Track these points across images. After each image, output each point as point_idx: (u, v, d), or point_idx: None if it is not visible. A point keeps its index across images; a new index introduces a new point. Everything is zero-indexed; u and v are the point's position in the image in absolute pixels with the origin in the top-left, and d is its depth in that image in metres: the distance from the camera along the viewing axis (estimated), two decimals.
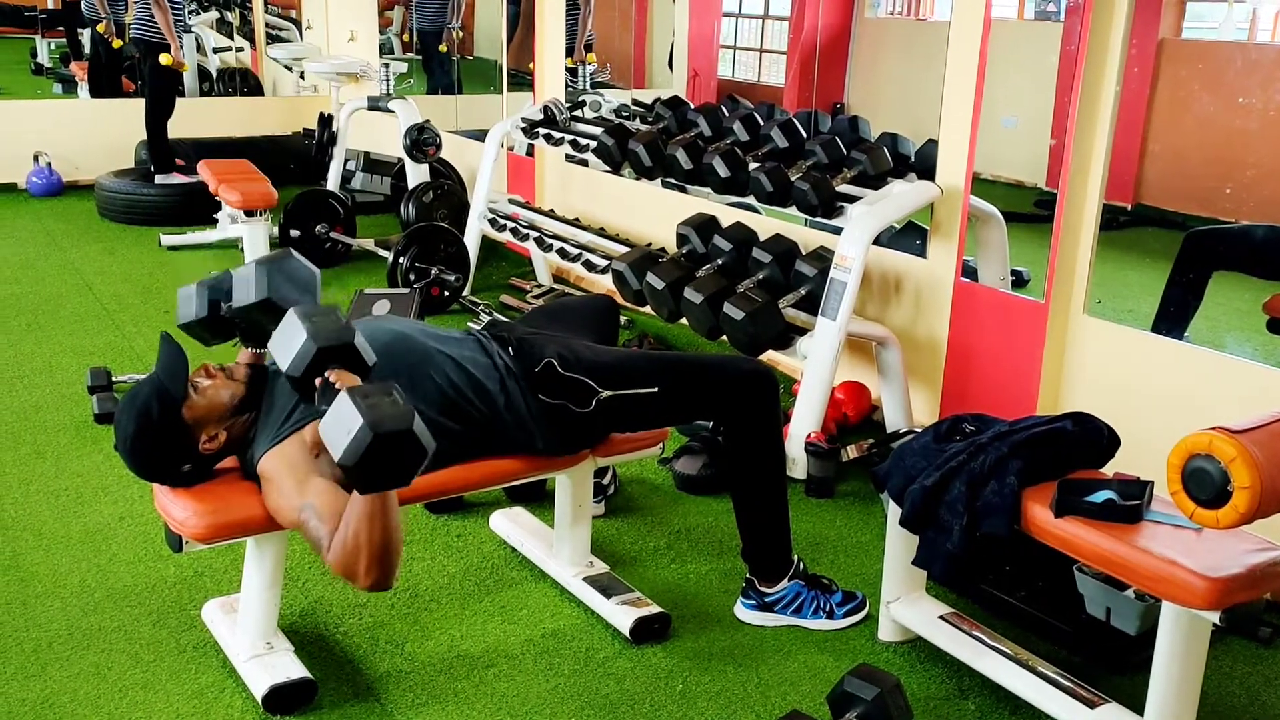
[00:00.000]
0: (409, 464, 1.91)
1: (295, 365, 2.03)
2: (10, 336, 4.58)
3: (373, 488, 1.94)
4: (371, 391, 1.91)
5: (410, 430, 1.87)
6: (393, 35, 8.44)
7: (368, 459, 1.85)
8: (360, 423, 1.83)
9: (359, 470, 1.87)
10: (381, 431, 1.84)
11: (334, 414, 1.89)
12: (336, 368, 2.05)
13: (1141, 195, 3.77)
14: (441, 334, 2.47)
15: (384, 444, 1.84)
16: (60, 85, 9.20)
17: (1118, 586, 2.44)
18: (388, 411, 1.86)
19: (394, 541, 2.00)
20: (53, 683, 2.37)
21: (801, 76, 5.27)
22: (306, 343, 2.02)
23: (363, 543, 1.98)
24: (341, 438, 1.85)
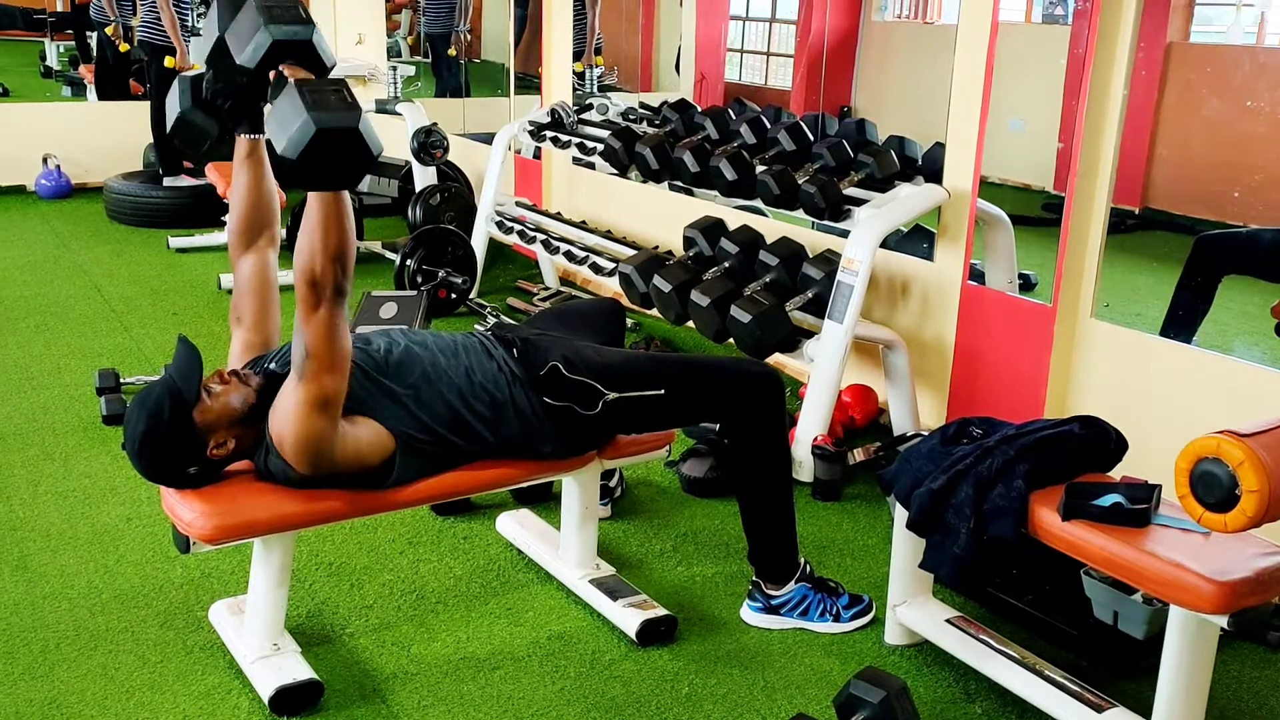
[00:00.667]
0: (354, 164, 1.87)
1: (249, 56, 1.97)
2: (19, 338, 4.60)
3: (312, 184, 1.92)
4: (321, 86, 1.85)
5: (355, 129, 1.82)
6: (400, 38, 8.46)
7: (309, 154, 1.80)
8: (304, 117, 1.78)
9: (300, 165, 1.82)
10: (324, 126, 1.78)
11: (279, 105, 1.83)
12: (292, 63, 2.00)
13: (1149, 199, 3.77)
14: (447, 343, 2.46)
15: (326, 139, 1.79)
16: (69, 88, 9.21)
17: (1125, 590, 2.44)
18: (334, 107, 1.80)
19: (347, 245, 2.04)
20: (60, 683, 2.38)
21: (809, 80, 5.27)
22: (262, 33, 1.96)
23: (317, 245, 2.01)
24: (285, 129, 1.80)
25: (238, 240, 2.48)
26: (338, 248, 2.03)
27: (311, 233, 2.03)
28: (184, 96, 2.40)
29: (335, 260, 2.04)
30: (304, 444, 2.16)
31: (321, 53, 2.02)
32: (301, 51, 2.00)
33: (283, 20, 1.98)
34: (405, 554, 2.95)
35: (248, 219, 2.47)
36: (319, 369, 2.09)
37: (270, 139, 1.87)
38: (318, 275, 2.04)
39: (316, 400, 2.11)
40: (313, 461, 2.19)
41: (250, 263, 2.47)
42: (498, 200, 5.29)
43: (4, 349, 4.46)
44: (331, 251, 2.03)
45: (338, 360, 2.11)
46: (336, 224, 2.02)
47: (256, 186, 2.46)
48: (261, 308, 2.46)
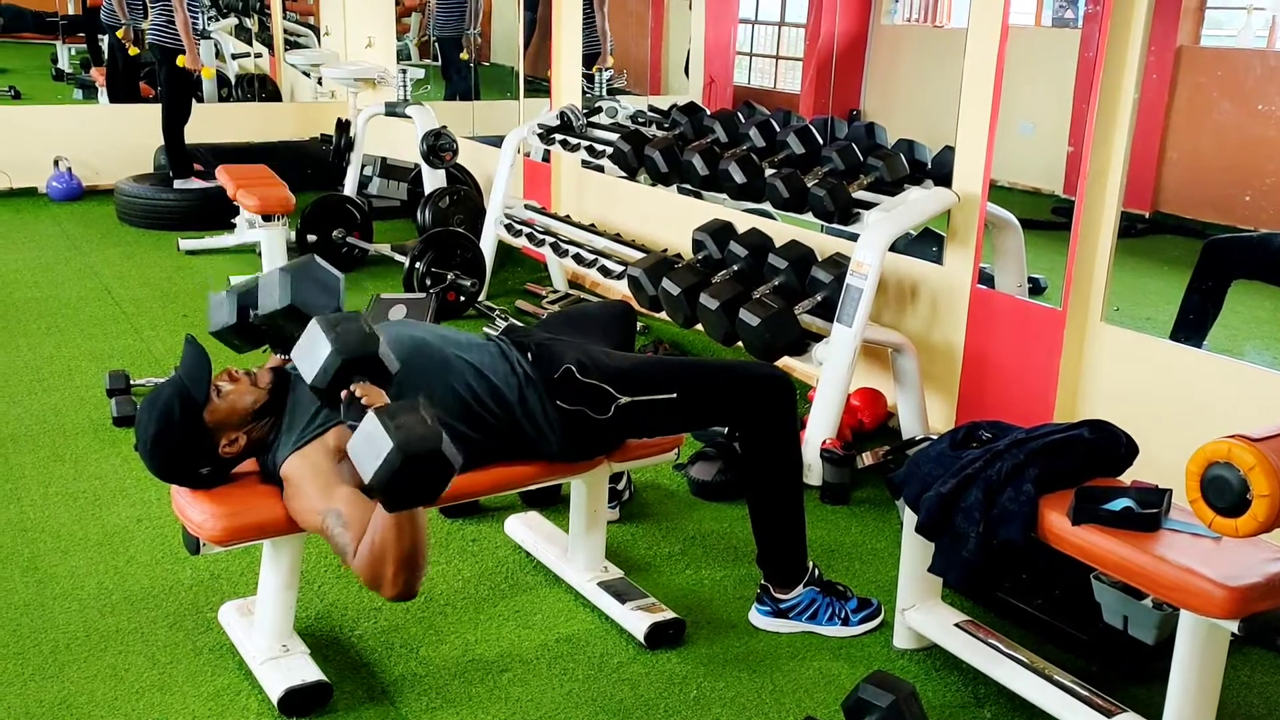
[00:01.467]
0: (437, 482, 1.91)
1: (320, 378, 2.03)
2: (30, 339, 4.61)
3: (401, 506, 1.95)
4: (399, 410, 1.90)
5: (439, 451, 1.87)
6: (410, 42, 8.48)
7: (397, 481, 1.85)
8: (390, 445, 1.83)
9: (389, 492, 1.88)
10: (411, 453, 1.83)
11: (363, 435, 1.89)
12: (360, 379, 2.05)
13: (1159, 203, 3.75)
14: (461, 340, 2.47)
15: (414, 465, 1.84)
16: (80, 91, 9.25)
17: (1135, 595, 2.43)
18: (417, 432, 1.86)
19: (420, 551, 2.02)
20: (70, 684, 2.38)
21: (818, 83, 5.27)
22: (331, 355, 2.02)
23: (390, 553, 1.99)
24: (371, 461, 1.85)
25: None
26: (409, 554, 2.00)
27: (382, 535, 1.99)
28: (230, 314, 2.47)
29: (405, 569, 2.01)
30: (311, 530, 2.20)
31: (388, 364, 2.08)
32: (369, 366, 2.06)
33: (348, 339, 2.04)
34: None
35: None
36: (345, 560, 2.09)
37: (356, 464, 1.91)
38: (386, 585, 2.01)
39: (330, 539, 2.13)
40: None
41: None
42: (507, 203, 5.29)
43: (15, 350, 4.47)
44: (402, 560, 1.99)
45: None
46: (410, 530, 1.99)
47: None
48: None
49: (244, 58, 9.64)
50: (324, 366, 2.03)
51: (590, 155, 4.85)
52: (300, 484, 2.17)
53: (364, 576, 2.04)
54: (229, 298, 2.46)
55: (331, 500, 2.11)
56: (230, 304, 2.45)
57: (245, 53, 9.78)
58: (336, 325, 2.06)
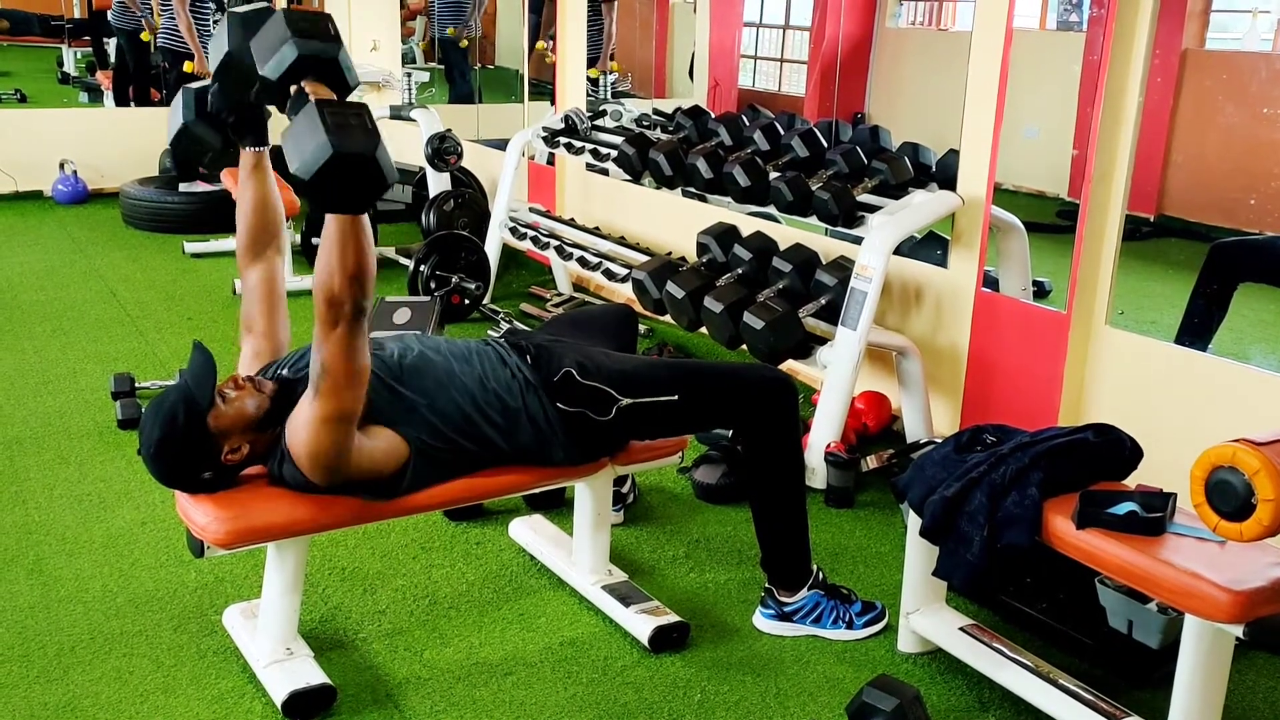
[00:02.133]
0: (368, 190, 1.86)
1: (273, 68, 1.96)
2: (35, 342, 4.62)
3: (324, 206, 1.92)
4: (342, 109, 1.84)
5: (373, 157, 1.81)
6: (414, 45, 8.49)
7: (324, 176, 1.79)
8: (323, 138, 1.77)
9: (314, 186, 1.82)
10: (342, 151, 1.78)
11: (300, 124, 1.82)
12: (314, 80, 2.00)
13: (1164, 206, 3.75)
14: (461, 349, 2.47)
15: (343, 164, 1.78)
16: (86, 94, 9.27)
17: (1140, 599, 2.43)
18: (353, 132, 1.80)
19: (365, 263, 2.02)
20: (75, 686, 2.39)
21: (822, 86, 5.27)
22: (289, 46, 1.95)
23: (335, 265, 2.00)
24: (302, 150, 1.79)
25: (245, 251, 2.50)
26: (356, 266, 2.02)
27: (329, 252, 2.02)
28: (188, 109, 2.39)
29: (354, 279, 2.03)
30: (319, 457, 2.17)
31: (346, 71, 2.01)
32: (326, 69, 1.99)
33: (310, 35, 1.97)
34: (418, 559, 2.96)
35: (254, 231, 2.49)
36: (335, 385, 2.09)
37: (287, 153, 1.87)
38: (336, 294, 2.03)
39: (332, 416, 2.12)
40: (327, 473, 2.20)
41: (258, 272, 2.49)
42: (511, 206, 5.30)
43: (20, 353, 4.48)
44: (350, 270, 2.02)
45: (355, 377, 2.11)
46: (354, 243, 2.01)
47: (262, 199, 2.48)
48: (271, 315, 2.48)
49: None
50: (279, 58, 1.95)
51: (595, 158, 4.86)
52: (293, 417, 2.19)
53: (319, 294, 2.04)
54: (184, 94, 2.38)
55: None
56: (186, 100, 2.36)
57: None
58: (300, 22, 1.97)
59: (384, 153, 1.85)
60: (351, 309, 2.04)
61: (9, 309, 5.07)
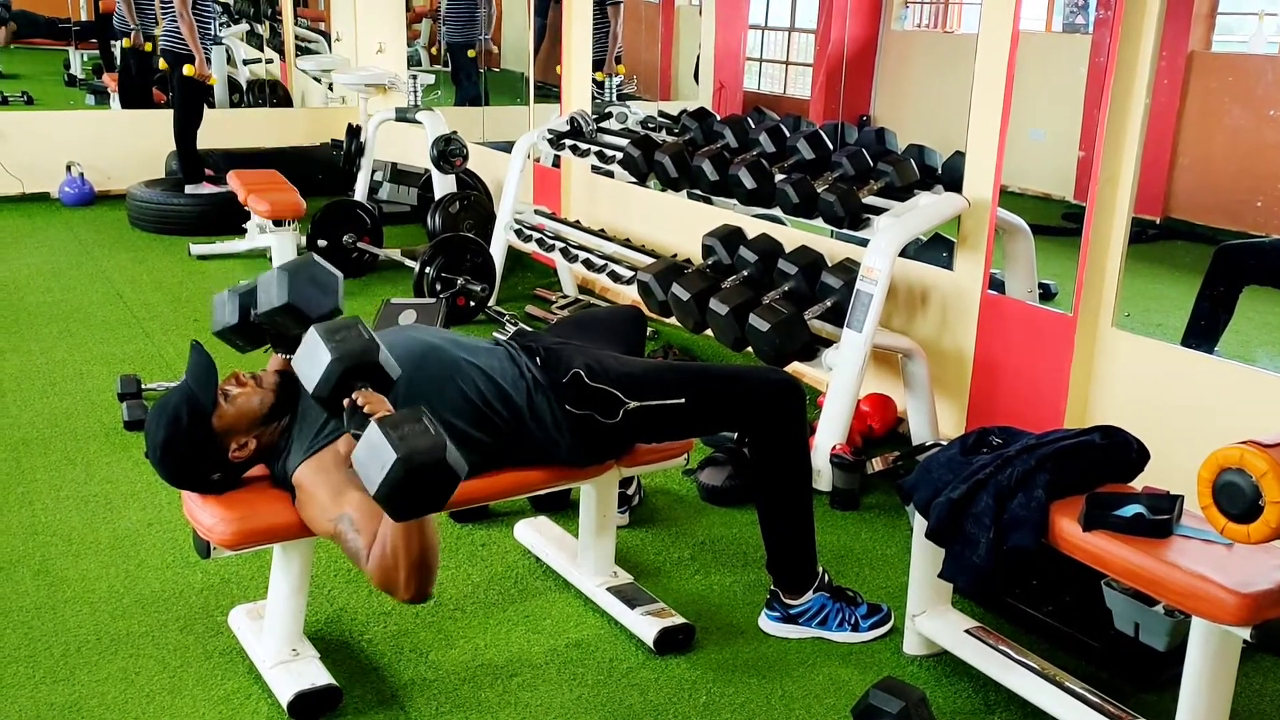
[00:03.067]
0: (442, 492, 1.91)
1: (321, 387, 2.04)
2: (42, 344, 4.63)
3: (407, 516, 1.95)
4: (402, 420, 1.90)
5: (444, 460, 1.87)
6: (420, 47, 8.50)
7: (402, 491, 1.85)
8: (393, 457, 1.83)
9: (393, 503, 1.88)
10: (415, 464, 1.84)
11: (366, 446, 1.89)
12: (362, 386, 2.06)
13: (1171, 208, 3.74)
14: (470, 344, 2.48)
15: (418, 476, 1.84)
16: (93, 96, 9.29)
17: (1147, 602, 2.42)
18: (420, 443, 1.86)
19: (431, 554, 2.03)
20: (81, 687, 2.39)
21: (828, 88, 5.27)
22: (331, 364, 2.02)
23: (400, 557, 2.00)
24: (375, 471, 1.85)
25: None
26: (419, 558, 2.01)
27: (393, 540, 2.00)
28: (232, 312, 2.46)
29: (417, 572, 2.02)
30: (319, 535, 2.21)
31: (389, 369, 2.09)
32: (370, 373, 2.06)
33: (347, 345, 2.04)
34: None
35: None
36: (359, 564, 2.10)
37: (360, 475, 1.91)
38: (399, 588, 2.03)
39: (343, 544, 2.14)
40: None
41: None
42: (517, 208, 5.30)
43: (27, 354, 4.49)
44: (414, 564, 2.01)
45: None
46: (419, 535, 2.01)
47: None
48: None
49: (255, 63, 9.68)
50: (325, 375, 2.03)
51: (600, 160, 4.86)
52: (312, 490, 2.18)
53: (377, 581, 2.05)
54: (230, 297, 2.46)
55: (343, 505, 2.11)
56: (232, 304, 2.45)
57: (257, 58, 9.82)
58: (335, 333, 2.06)
59: (453, 452, 1.90)
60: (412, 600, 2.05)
61: (16, 310, 5.08)
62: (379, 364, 2.07)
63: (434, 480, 1.88)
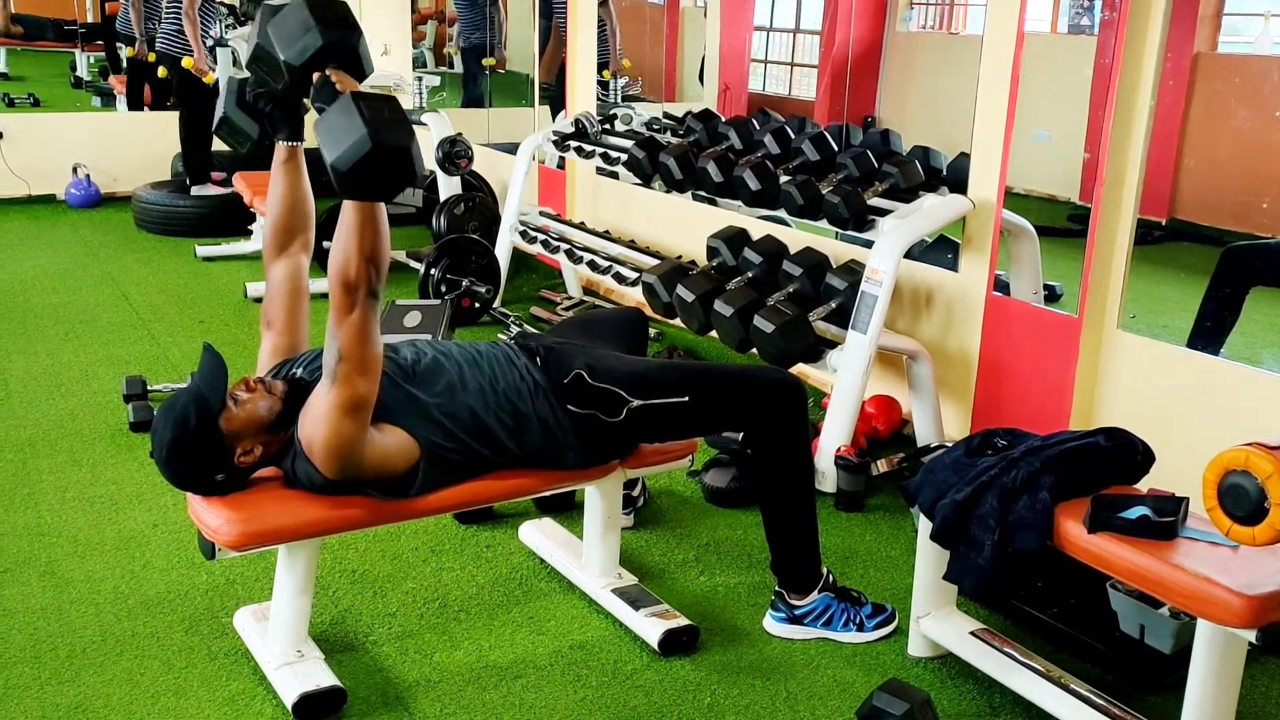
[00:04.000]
0: (399, 180, 1.90)
1: (296, 54, 1.99)
2: (48, 345, 4.64)
3: (357, 195, 1.96)
4: (375, 100, 1.87)
5: (409, 149, 1.84)
6: (425, 49, 8.50)
7: (361, 167, 1.82)
8: (362, 131, 1.80)
9: (349, 176, 1.85)
10: (381, 143, 1.81)
11: (335, 115, 1.85)
12: (336, 67, 2.02)
13: (1176, 210, 3.74)
14: (470, 353, 2.47)
15: (381, 155, 1.81)
16: (99, 99, 9.30)
17: (1152, 604, 2.42)
18: (390, 124, 1.83)
19: (382, 247, 2.07)
20: (86, 688, 2.39)
21: (833, 90, 5.27)
22: (311, 34, 1.98)
23: (353, 249, 2.04)
24: (339, 141, 1.82)
25: (272, 245, 2.51)
26: (372, 249, 2.06)
27: (346, 236, 2.06)
28: (229, 97, 2.44)
29: (369, 261, 2.07)
30: (334, 448, 2.18)
31: (365, 60, 2.05)
32: (347, 56, 2.02)
33: (332, 23, 2.01)
34: (428, 562, 2.96)
35: (283, 224, 2.50)
36: (351, 372, 2.11)
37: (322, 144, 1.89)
38: (352, 277, 2.07)
39: (348, 403, 2.13)
40: (341, 466, 2.20)
41: (283, 267, 2.50)
42: (522, 210, 5.30)
43: (33, 356, 4.50)
44: (366, 253, 2.06)
45: (369, 363, 2.13)
46: (371, 227, 2.05)
47: (293, 192, 2.49)
48: (292, 312, 2.49)
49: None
50: (303, 44, 1.98)
51: (605, 162, 4.86)
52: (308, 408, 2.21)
53: (334, 279, 2.08)
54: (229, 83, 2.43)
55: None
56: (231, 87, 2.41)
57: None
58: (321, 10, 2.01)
59: (417, 145, 1.90)
60: (366, 291, 2.08)
61: (22, 312, 5.09)
62: (358, 50, 2.02)
63: (394, 164, 1.86)
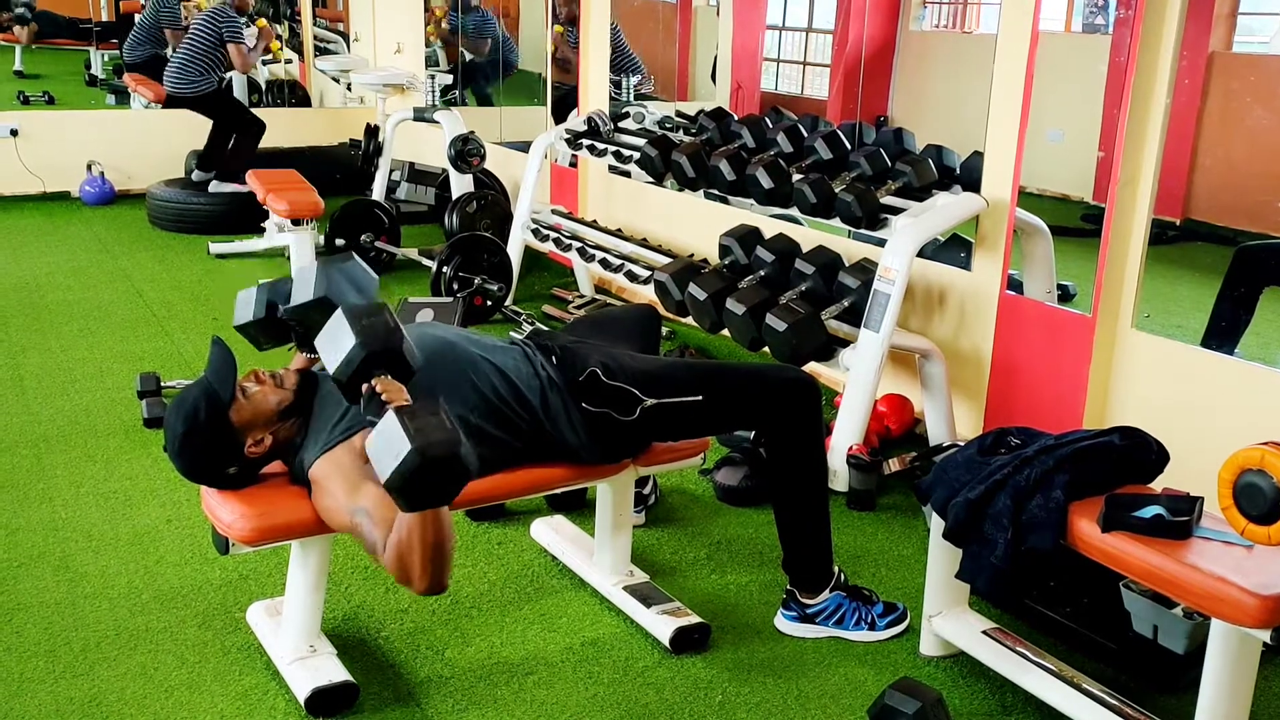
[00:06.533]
0: (454, 485, 1.91)
1: (342, 370, 2.04)
2: (62, 341, 4.66)
3: (417, 507, 1.96)
4: (419, 411, 1.90)
5: (457, 455, 1.87)
6: (438, 48, 8.51)
7: (413, 482, 1.85)
8: (408, 447, 1.83)
9: (405, 492, 1.88)
10: (429, 456, 1.83)
11: (381, 434, 1.89)
12: (382, 373, 2.06)
13: (1191, 209, 3.72)
14: (486, 342, 2.49)
15: (431, 468, 1.84)
16: (113, 96, 9.34)
17: (1166, 604, 2.41)
18: (435, 435, 1.85)
19: (446, 544, 2.03)
20: (101, 682, 2.41)
21: (845, 89, 5.26)
22: (354, 348, 2.02)
23: (415, 547, 2.00)
24: (388, 460, 1.85)
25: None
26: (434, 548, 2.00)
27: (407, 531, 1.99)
28: (259, 308, 2.46)
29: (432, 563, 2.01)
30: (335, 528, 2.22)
31: (410, 359, 2.09)
32: (392, 360, 2.06)
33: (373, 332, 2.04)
34: None
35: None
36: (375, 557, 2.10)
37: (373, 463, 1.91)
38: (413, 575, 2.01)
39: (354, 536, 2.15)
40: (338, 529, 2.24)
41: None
42: (534, 208, 5.31)
43: (48, 352, 4.52)
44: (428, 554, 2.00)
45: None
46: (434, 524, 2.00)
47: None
48: None
49: (274, 64, 9.72)
50: (347, 358, 2.03)
51: (617, 160, 4.86)
52: (328, 484, 2.18)
53: (393, 572, 2.05)
54: (258, 292, 2.47)
55: (358, 499, 2.12)
56: (259, 300, 2.46)
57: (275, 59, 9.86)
58: (362, 317, 2.05)
59: (466, 447, 1.90)
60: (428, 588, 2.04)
61: (37, 309, 5.12)
62: (401, 353, 2.07)
63: (446, 473, 1.88)
